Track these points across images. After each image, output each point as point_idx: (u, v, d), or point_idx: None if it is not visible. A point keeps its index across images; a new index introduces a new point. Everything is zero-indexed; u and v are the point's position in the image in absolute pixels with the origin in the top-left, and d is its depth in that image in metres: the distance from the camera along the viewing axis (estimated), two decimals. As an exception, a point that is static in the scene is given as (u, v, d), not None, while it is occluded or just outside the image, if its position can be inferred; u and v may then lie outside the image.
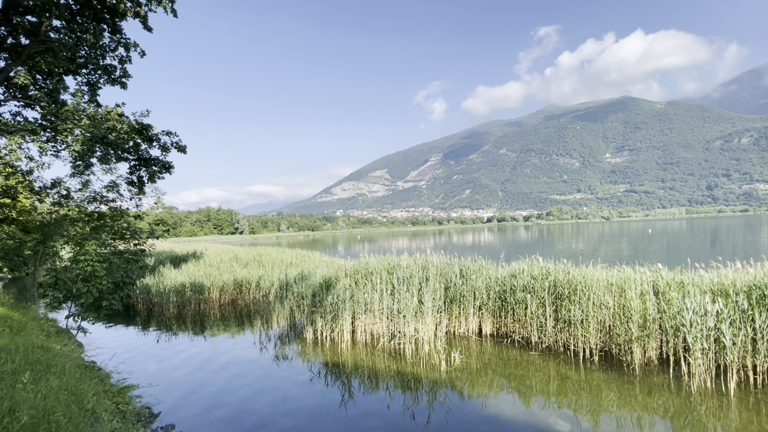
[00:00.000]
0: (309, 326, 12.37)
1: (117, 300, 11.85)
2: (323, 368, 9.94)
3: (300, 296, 13.30)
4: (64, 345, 8.75)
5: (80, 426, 4.22)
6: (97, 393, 5.96)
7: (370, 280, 12.89)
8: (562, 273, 11.18)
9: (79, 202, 14.75)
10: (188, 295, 17.93)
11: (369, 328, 12.05)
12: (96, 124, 13.97)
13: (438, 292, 12.00)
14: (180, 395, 8.58)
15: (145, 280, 18.82)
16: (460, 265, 13.23)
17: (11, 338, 7.02)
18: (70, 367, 6.02)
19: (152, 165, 15.59)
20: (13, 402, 4.00)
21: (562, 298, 10.58)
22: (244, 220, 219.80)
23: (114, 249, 13.40)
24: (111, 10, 14.13)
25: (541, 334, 10.86)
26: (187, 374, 9.91)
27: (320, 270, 15.78)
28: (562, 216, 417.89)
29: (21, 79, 14.30)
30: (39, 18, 13.48)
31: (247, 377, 9.60)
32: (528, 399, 7.94)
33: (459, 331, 12.29)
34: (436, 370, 9.43)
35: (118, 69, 15.52)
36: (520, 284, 11.43)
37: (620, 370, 9.02)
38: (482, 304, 12.07)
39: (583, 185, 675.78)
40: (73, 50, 14.06)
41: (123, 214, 15.13)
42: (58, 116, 14.19)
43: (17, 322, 9.16)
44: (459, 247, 58.31)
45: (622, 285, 9.95)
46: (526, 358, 10.09)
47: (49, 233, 13.25)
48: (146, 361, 10.97)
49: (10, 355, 5.59)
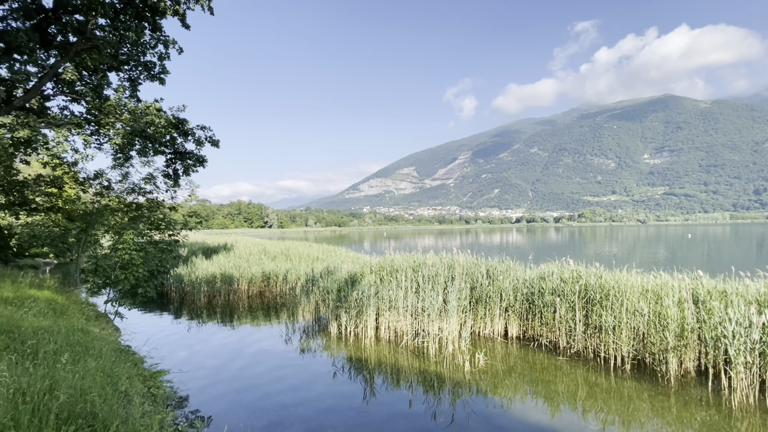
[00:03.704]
0: (333, 321, 12.48)
1: (152, 287, 12.34)
2: (346, 363, 10.01)
3: (325, 291, 13.44)
4: (102, 329, 9.18)
5: (114, 407, 4.41)
6: (130, 376, 6.22)
7: (395, 277, 12.86)
8: (593, 277, 10.79)
9: (119, 192, 15.46)
10: (218, 286, 18.47)
11: (393, 325, 12.04)
12: (136, 119, 14.57)
13: (464, 292, 11.84)
14: (208, 382, 8.84)
15: (178, 269, 19.52)
16: (487, 265, 13.00)
17: (54, 320, 7.42)
18: (106, 350, 6.31)
19: (187, 158, 16.14)
20: (53, 381, 4.22)
21: (593, 303, 10.22)
22: (273, 214, 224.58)
23: (150, 239, 13.96)
24: (152, 9, 14.66)
25: (570, 339, 10.54)
26: (216, 362, 10.21)
27: (346, 265, 15.89)
28: (595, 218, 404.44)
29: (69, 75, 15.07)
30: (86, 16, 14.14)
31: (272, 368, 9.79)
32: (554, 405, 7.72)
33: (484, 332, 12.09)
34: (459, 371, 9.31)
35: (157, 65, 16.10)
36: (548, 287, 11.11)
37: (654, 380, 8.63)
38: (509, 305, 11.82)
39: (618, 187, 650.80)
40: (117, 47, 14.69)
41: (159, 205, 15.73)
42: (101, 110, 14.88)
43: (60, 305, 9.69)
44: (486, 247, 57.43)
45: (659, 292, 9.50)
46: (553, 362, 9.81)
47: (92, 222, 13.95)
48: (177, 348, 11.37)
49: (52, 336, 5.91)
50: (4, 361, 4.52)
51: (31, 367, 4.43)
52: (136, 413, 4.31)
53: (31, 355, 4.99)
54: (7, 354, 4.84)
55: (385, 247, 17.40)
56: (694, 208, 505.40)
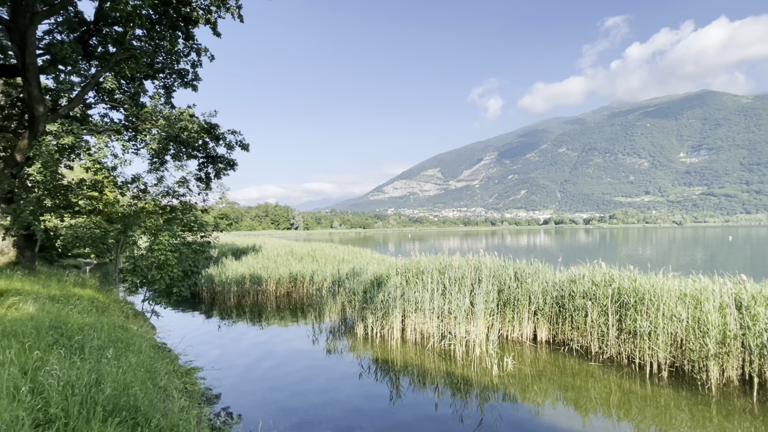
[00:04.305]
0: (360, 322, 12.57)
1: (185, 287, 12.77)
2: (372, 364, 10.06)
3: (351, 292, 13.55)
4: (140, 326, 9.59)
5: (154, 401, 4.61)
6: (168, 372, 6.48)
7: (421, 279, 12.84)
8: (627, 280, 10.44)
9: (155, 196, 16.09)
10: (247, 286, 18.94)
11: (419, 327, 12.02)
12: (171, 124, 15.15)
13: (491, 295, 11.70)
14: (238, 380, 9.08)
15: (209, 270, 20.14)
16: (515, 267, 12.78)
17: (97, 317, 7.81)
18: (146, 347, 6.59)
19: (218, 162, 16.65)
20: (99, 374, 4.45)
21: (627, 307, 9.88)
22: (299, 216, 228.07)
23: (183, 240, 14.45)
24: (185, 18, 15.23)
25: (603, 344, 10.23)
26: (246, 361, 10.47)
27: (371, 267, 15.97)
28: (627, 219, 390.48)
29: (108, 84, 15.83)
30: (124, 28, 14.83)
31: (300, 367, 9.96)
32: (586, 411, 7.52)
33: (512, 336, 11.90)
34: (487, 374, 9.20)
35: (190, 73, 16.70)
36: (579, 290, 10.83)
37: (693, 388, 8.27)
38: (538, 309, 11.59)
39: (652, 187, 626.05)
40: (152, 56, 15.33)
41: (192, 207, 16.27)
42: (138, 117, 15.55)
43: (102, 303, 10.18)
44: (513, 249, 56.43)
45: (698, 296, 9.10)
46: (584, 368, 9.55)
47: (129, 224, 14.58)
48: (209, 346, 11.73)
49: (96, 333, 6.24)
50: (54, 354, 4.80)
51: (78, 362, 4.69)
52: (174, 408, 4.50)
53: (78, 350, 5.28)
54: (57, 348, 5.14)
55: (410, 249, 17.40)
56: (735, 209, 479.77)
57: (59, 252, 24.49)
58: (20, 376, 4.03)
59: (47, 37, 15.49)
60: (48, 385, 3.94)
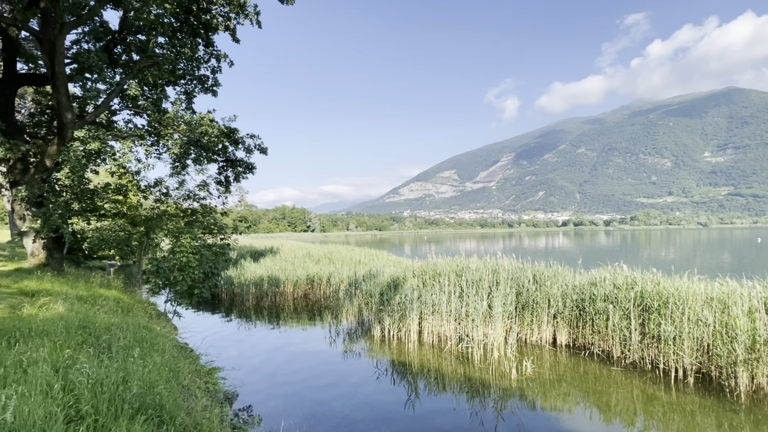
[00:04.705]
0: (376, 324, 12.59)
1: (206, 289, 13.04)
2: (390, 366, 10.07)
3: (368, 294, 13.59)
4: (163, 327, 9.83)
5: (178, 400, 4.73)
6: (191, 372, 6.63)
7: (437, 281, 12.79)
8: (650, 283, 10.19)
9: (176, 199, 16.49)
10: (265, 288, 19.18)
11: (436, 329, 11.97)
12: (191, 129, 15.51)
13: (509, 297, 11.57)
14: (257, 380, 9.21)
15: (228, 271, 20.49)
16: (533, 270, 12.62)
17: (122, 318, 8.05)
18: (169, 347, 6.76)
19: (237, 166, 16.96)
20: (125, 373, 4.59)
21: (651, 311, 9.65)
22: (315, 218, 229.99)
23: (204, 242, 14.77)
24: (205, 25, 15.59)
25: (625, 349, 10.00)
26: (265, 361, 10.61)
27: (388, 269, 15.99)
28: (650, 221, 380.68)
29: (132, 91, 16.31)
30: (147, 36, 15.28)
31: (318, 369, 10.04)
32: (608, 418, 7.36)
33: (531, 339, 11.74)
34: (505, 378, 9.10)
35: (210, 78, 17.06)
36: (600, 293, 10.62)
37: (721, 395, 8.01)
38: (557, 312, 11.41)
39: (675, 187, 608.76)
40: (174, 63, 15.73)
41: (212, 210, 16.61)
42: (161, 123, 15.97)
43: (126, 303, 10.47)
44: (531, 251, 55.65)
45: (725, 300, 8.82)
46: (606, 373, 9.36)
47: (152, 227, 14.99)
48: (229, 347, 11.93)
49: (122, 332, 6.43)
50: (83, 353, 4.98)
51: (106, 360, 4.85)
52: (197, 407, 4.60)
53: (105, 349, 5.46)
54: (86, 347, 5.32)
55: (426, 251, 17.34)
56: (764, 210, 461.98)
57: (85, 254, 25.29)
58: (52, 374, 4.19)
59: (75, 47, 16.08)
60: (78, 383, 4.09)
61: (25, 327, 5.69)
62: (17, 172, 14.20)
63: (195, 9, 14.93)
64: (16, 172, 14.20)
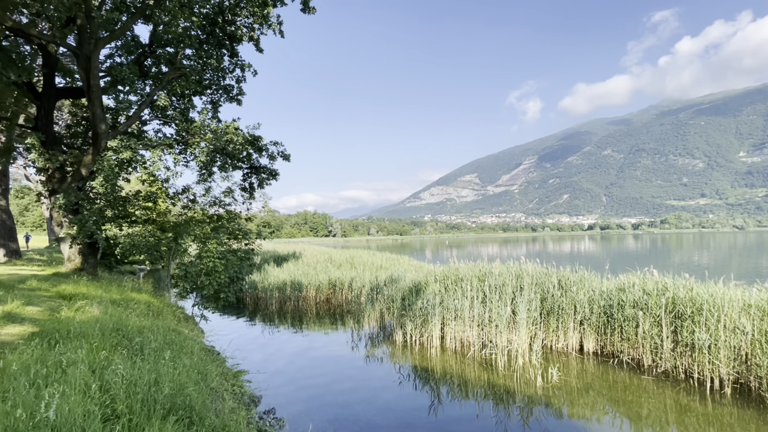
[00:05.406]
0: (398, 329, 12.58)
1: (232, 293, 13.35)
2: (412, 372, 10.03)
3: (390, 299, 13.60)
4: (190, 330, 10.12)
5: (206, 402, 4.86)
6: (218, 375, 6.80)
7: (460, 286, 12.69)
8: (682, 289, 9.82)
9: (203, 205, 16.99)
10: (288, 292, 19.45)
11: (459, 335, 11.87)
12: (217, 138, 15.99)
13: (533, 303, 11.37)
14: (281, 383, 9.34)
15: (252, 276, 20.88)
16: (559, 275, 12.37)
17: (153, 321, 8.33)
18: (197, 350, 6.96)
19: (261, 172, 17.36)
20: (157, 375, 4.76)
21: (683, 318, 9.29)
22: (336, 223, 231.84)
23: (229, 247, 15.14)
24: (230, 37, 16.08)
25: (656, 357, 9.66)
26: (288, 365, 10.75)
27: (409, 274, 15.97)
28: (681, 224, 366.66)
29: (162, 102, 16.94)
30: (175, 48, 15.87)
31: (340, 373, 10.10)
32: (639, 428, 7.12)
33: (557, 346, 11.49)
34: (530, 386, 8.93)
35: (235, 88, 17.56)
36: (629, 299, 10.31)
37: (761, 407, 7.63)
38: (584, 318, 11.13)
39: (708, 189, 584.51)
40: (200, 74, 16.28)
41: (237, 216, 17.03)
42: (188, 132, 16.54)
43: (156, 307, 10.83)
44: (555, 256, 54.46)
45: (765, 307, 8.42)
46: (636, 382, 9.06)
47: (180, 232, 15.49)
48: (253, 350, 12.14)
49: (153, 335, 6.66)
50: (118, 355, 5.18)
51: (139, 362, 5.04)
52: (225, 409, 4.72)
53: (138, 351, 5.66)
54: (120, 349, 5.54)
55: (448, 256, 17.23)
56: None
57: (117, 259, 26.27)
58: (90, 374, 4.39)
59: (108, 61, 16.84)
60: (114, 383, 4.26)
61: (64, 329, 5.97)
62: (55, 181, 14.94)
63: (221, 21, 15.42)
64: (54, 181, 14.94)
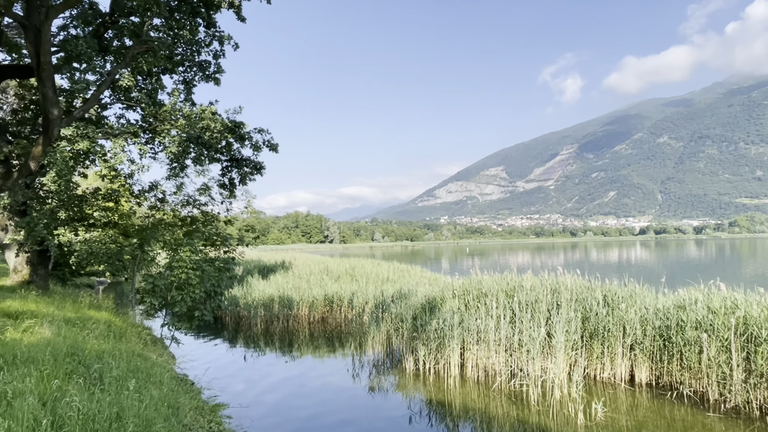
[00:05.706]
0: (409, 355, 12.59)
1: (208, 310, 13.44)
2: (425, 406, 10.03)
3: (398, 318, 13.62)
4: (159, 355, 10.21)
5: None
6: (192, 408, 6.85)
7: (483, 303, 12.68)
8: (757, 306, 9.75)
9: (174, 205, 17.15)
10: (276, 310, 19.54)
11: (482, 362, 11.85)
12: (191, 124, 16.12)
13: (573, 323, 11.33)
14: (267, 419, 9.38)
15: (233, 290, 20.99)
16: (604, 289, 12.33)
17: (114, 344, 8.42)
18: (167, 379, 7.02)
19: (244, 165, 17.46)
20: (120, 408, 4.81)
21: (758, 342, 9.21)
22: (334, 227, 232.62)
23: (205, 256, 15.25)
24: (206, 3, 16.19)
25: (724, 389, 9.58)
26: (276, 398, 10.79)
27: (422, 288, 15.98)
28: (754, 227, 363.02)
29: (125, 81, 17.11)
30: (141, 18, 16.02)
31: (338, 408, 10.13)
32: (704, 477, 7.05)
33: (602, 376, 11.44)
34: (570, 424, 8.90)
35: (212, 64, 17.66)
36: (691, 319, 10.25)
37: None
38: (635, 342, 11.08)
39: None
40: (171, 48, 16.41)
41: (214, 218, 17.15)
42: (156, 117, 16.69)
43: (118, 327, 10.94)
44: (600, 266, 54.19)
45: None
46: (700, 420, 8.99)
47: (147, 238, 15.65)
48: (235, 380, 12.21)
49: (115, 361, 6.73)
50: (73, 384, 5.25)
51: (98, 393, 5.09)
52: (200, 449, 4.76)
53: (97, 380, 5.73)
54: (75, 377, 5.61)
55: (469, 266, 17.22)
56: None
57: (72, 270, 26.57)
58: (40, 407, 4.44)
59: (62, 33, 17.03)
60: (68, 419, 4.31)
61: (9, 353, 6.04)
62: (-1, 176, 15.14)
63: (195, -16, 15.54)
64: (-2, 176, 15.14)
